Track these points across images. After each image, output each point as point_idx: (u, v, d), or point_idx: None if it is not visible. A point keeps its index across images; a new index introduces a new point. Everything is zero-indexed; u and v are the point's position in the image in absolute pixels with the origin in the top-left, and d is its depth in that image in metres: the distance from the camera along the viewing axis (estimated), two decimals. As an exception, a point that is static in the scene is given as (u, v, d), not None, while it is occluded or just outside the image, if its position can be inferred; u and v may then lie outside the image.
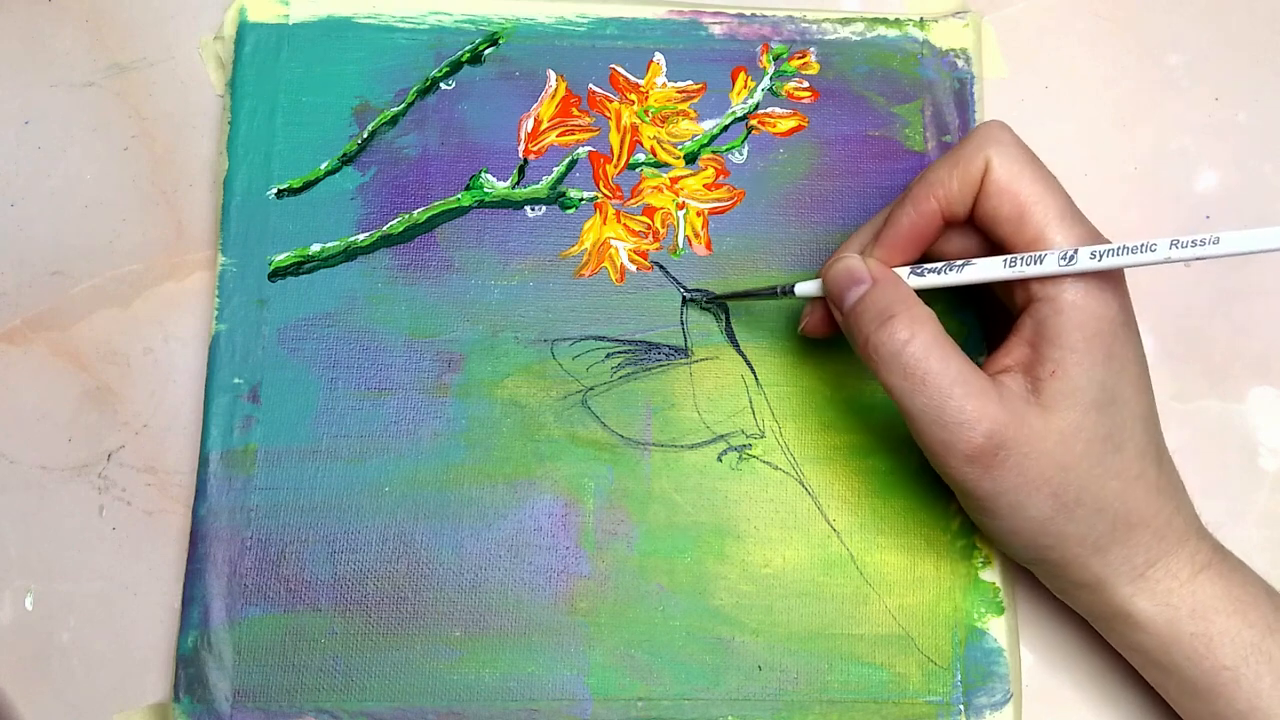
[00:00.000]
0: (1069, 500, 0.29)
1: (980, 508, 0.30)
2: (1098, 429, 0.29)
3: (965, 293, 0.36)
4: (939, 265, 0.31)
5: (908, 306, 0.29)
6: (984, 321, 0.36)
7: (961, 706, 0.34)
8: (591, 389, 0.36)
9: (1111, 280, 0.29)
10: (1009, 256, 0.29)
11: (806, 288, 0.33)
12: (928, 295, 0.31)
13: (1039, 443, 0.29)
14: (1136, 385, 0.30)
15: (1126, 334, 0.30)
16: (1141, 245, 0.28)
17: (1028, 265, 0.29)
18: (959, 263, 0.30)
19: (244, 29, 0.38)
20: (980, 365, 0.30)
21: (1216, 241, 0.27)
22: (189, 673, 0.33)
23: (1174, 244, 0.27)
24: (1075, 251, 0.28)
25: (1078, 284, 0.29)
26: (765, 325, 0.36)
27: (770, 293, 0.34)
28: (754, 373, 0.36)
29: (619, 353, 0.36)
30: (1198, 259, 0.27)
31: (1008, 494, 0.29)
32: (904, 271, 0.31)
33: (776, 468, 0.35)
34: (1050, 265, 0.29)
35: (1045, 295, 0.29)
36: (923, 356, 0.29)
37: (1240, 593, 0.30)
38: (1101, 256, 0.28)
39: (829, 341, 0.36)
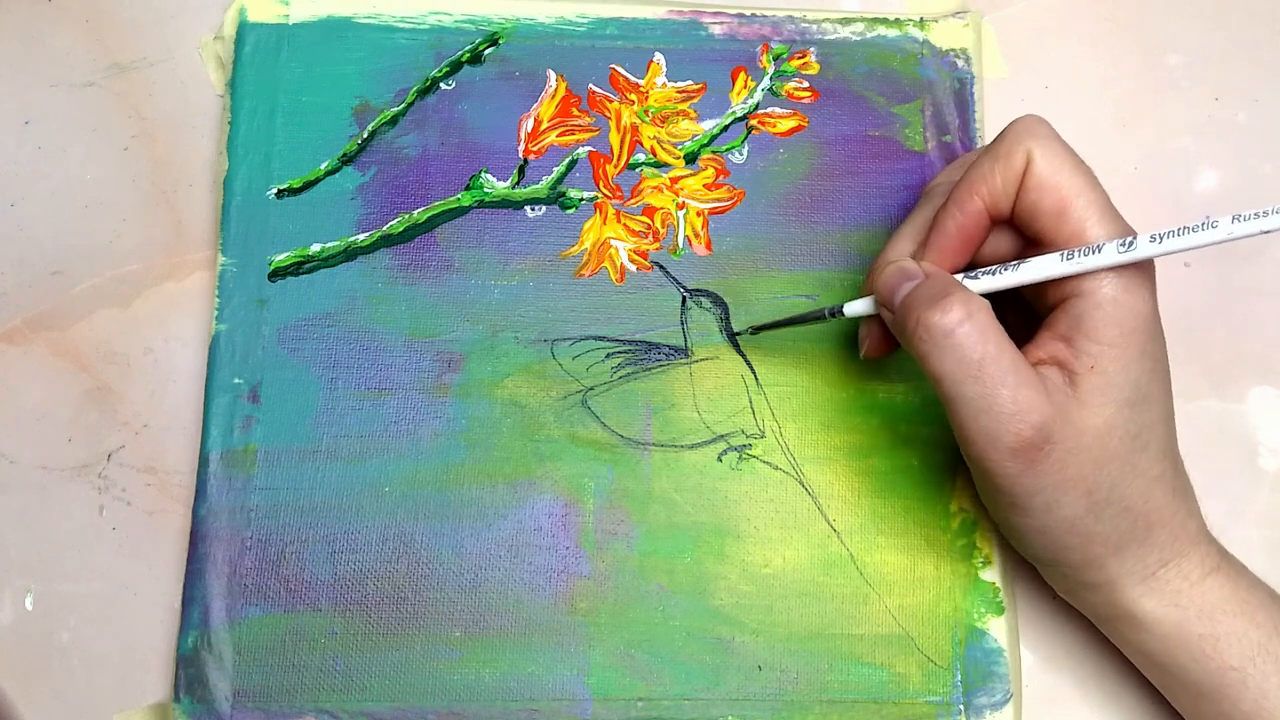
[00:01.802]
0: (1100, 499, 0.29)
1: (1013, 504, 0.30)
2: (1129, 426, 0.29)
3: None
4: (993, 268, 0.30)
5: (963, 291, 0.29)
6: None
7: (961, 706, 0.34)
8: (591, 389, 0.36)
9: (1146, 277, 0.29)
10: (1066, 251, 0.29)
11: (857, 306, 0.32)
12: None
13: (1080, 438, 0.28)
14: (1164, 384, 0.30)
15: (1157, 330, 0.29)
16: (1203, 223, 0.27)
17: (1086, 257, 0.28)
18: (1013, 263, 0.30)
19: (244, 29, 0.38)
20: None
21: None
22: (189, 673, 0.33)
23: (1236, 219, 0.27)
24: (1134, 239, 0.28)
25: (1117, 280, 0.28)
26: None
27: (818, 316, 0.33)
28: (754, 373, 0.36)
29: (619, 353, 0.36)
30: (1262, 232, 0.27)
31: (1045, 491, 0.29)
32: (958, 278, 0.30)
33: (776, 468, 0.35)
34: (1109, 255, 0.28)
35: (1084, 290, 0.29)
36: (979, 340, 0.28)
37: (1247, 595, 0.30)
38: (1162, 239, 0.27)
39: (829, 342, 0.36)
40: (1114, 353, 0.28)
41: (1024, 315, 0.32)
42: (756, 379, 0.36)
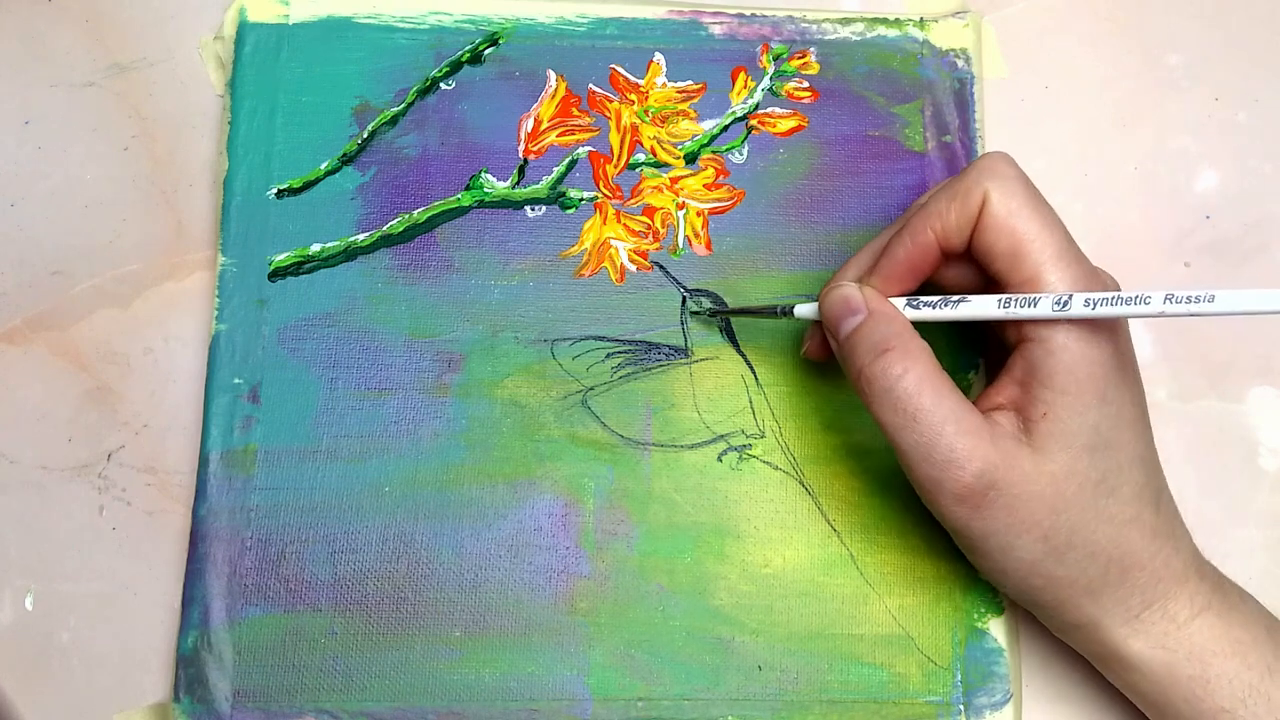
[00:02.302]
0: (1060, 544, 0.29)
1: (971, 547, 0.30)
2: (1090, 473, 0.29)
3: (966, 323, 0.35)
4: (935, 300, 0.30)
5: (903, 340, 0.29)
6: (986, 351, 0.36)
7: (961, 706, 0.34)
8: (591, 389, 0.36)
9: (1106, 325, 0.29)
10: (1003, 296, 0.29)
11: (805, 310, 0.33)
12: (926, 324, 0.30)
13: (1029, 484, 0.28)
14: (1133, 428, 0.29)
15: (1121, 377, 0.29)
16: (1136, 297, 0.27)
17: (1021, 307, 0.28)
18: (955, 298, 0.30)
19: (244, 29, 0.38)
20: (974, 400, 0.30)
21: (1211, 300, 0.26)
22: (189, 673, 0.33)
23: (1169, 299, 0.27)
24: (1070, 298, 0.28)
25: (1071, 327, 0.28)
26: (765, 325, 0.36)
27: (770, 312, 0.34)
28: (754, 373, 0.36)
29: (619, 353, 0.36)
30: (1191, 315, 0.27)
31: (997, 535, 0.29)
32: (900, 302, 0.31)
33: (776, 468, 0.35)
34: (1044, 309, 0.28)
35: (1038, 336, 0.29)
36: (915, 392, 0.28)
37: (1240, 633, 0.30)
38: (1095, 305, 0.27)
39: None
40: (1067, 400, 0.28)
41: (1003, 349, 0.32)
42: (756, 379, 0.36)
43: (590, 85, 0.38)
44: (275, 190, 0.37)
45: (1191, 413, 0.37)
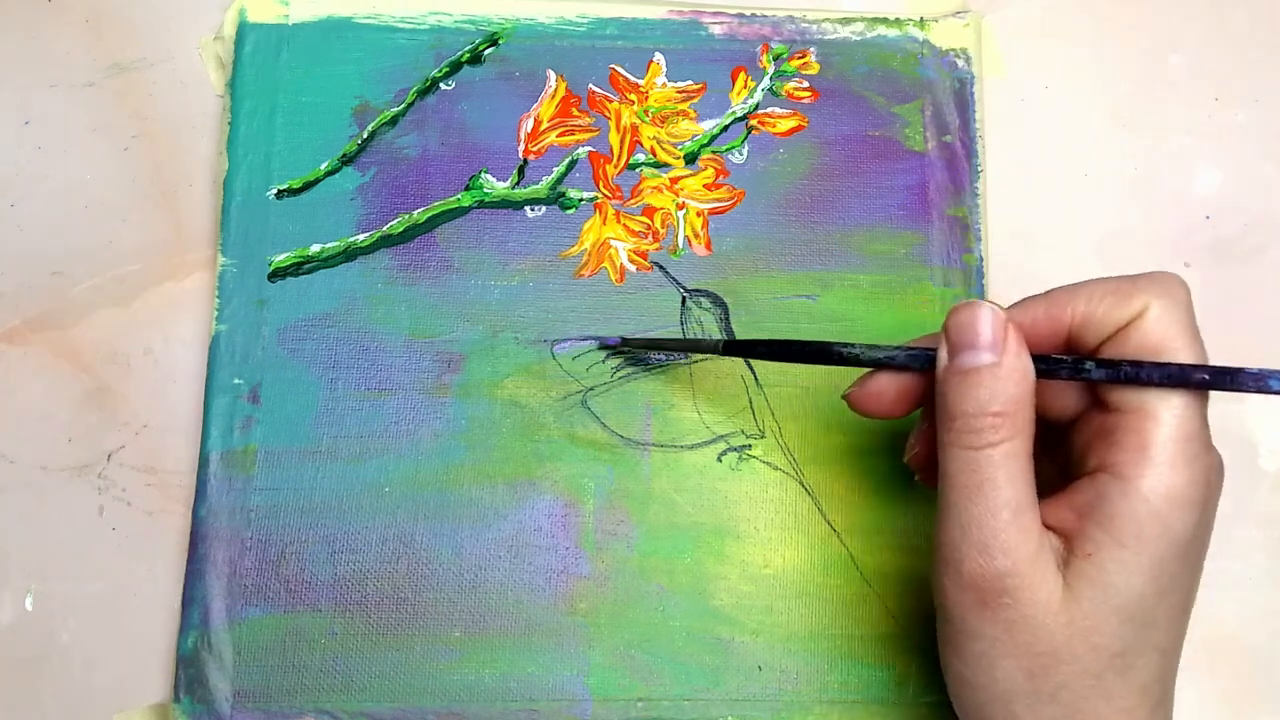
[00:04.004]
0: (1043, 691, 0.26)
1: (950, 639, 0.27)
2: (1113, 642, 0.25)
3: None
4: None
5: (1020, 409, 0.25)
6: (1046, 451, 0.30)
7: (961, 707, 0.34)
8: (591, 389, 0.36)
9: (1195, 501, 0.25)
10: (1129, 364, 0.25)
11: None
12: None
13: (1044, 617, 0.25)
14: (1176, 617, 0.26)
15: (1187, 559, 0.26)
16: None
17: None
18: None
19: (244, 29, 0.38)
20: None
21: None
22: (189, 673, 0.33)
23: None
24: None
25: (1160, 482, 0.25)
26: (765, 325, 0.36)
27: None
28: (754, 373, 0.36)
29: (619, 353, 0.36)
30: None
31: (984, 642, 0.26)
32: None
33: (776, 468, 0.35)
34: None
35: (1127, 474, 0.25)
36: (999, 464, 0.25)
37: None
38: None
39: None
40: (1123, 555, 0.25)
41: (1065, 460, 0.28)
42: (756, 379, 0.36)
43: (590, 85, 0.38)
44: (275, 190, 0.37)
45: (1191, 413, 0.37)
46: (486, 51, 0.38)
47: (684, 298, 0.36)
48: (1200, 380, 0.25)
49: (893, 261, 0.37)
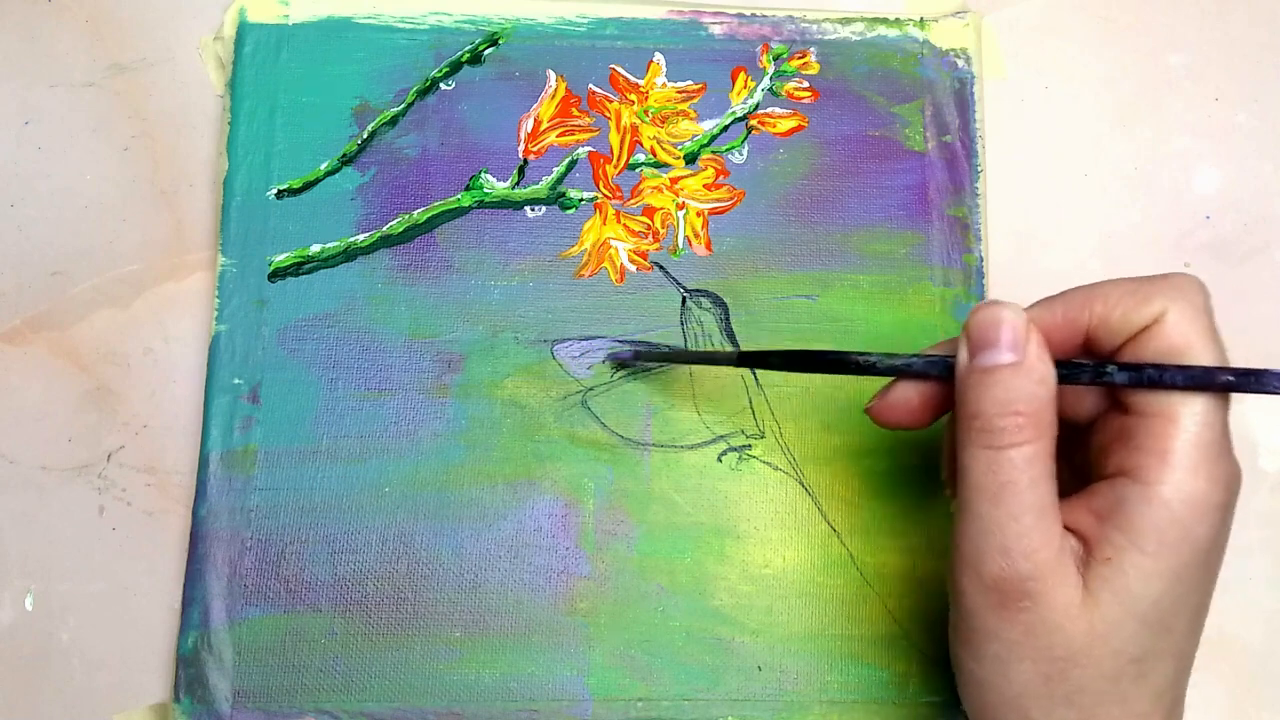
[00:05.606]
0: (1058, 694, 0.25)
1: (966, 639, 0.27)
2: (1131, 647, 0.25)
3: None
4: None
5: (1041, 410, 0.25)
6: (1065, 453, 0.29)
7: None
8: (591, 389, 0.36)
9: (1219, 506, 0.25)
10: (1153, 368, 0.25)
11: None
12: None
13: (1064, 620, 0.25)
14: (1192, 622, 0.26)
15: (1207, 565, 0.26)
16: None
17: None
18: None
19: (244, 29, 0.38)
20: None
21: None
22: (189, 673, 0.33)
23: None
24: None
25: (1182, 486, 0.25)
26: (765, 325, 0.36)
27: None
28: (754, 373, 0.36)
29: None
30: None
31: (1002, 643, 0.26)
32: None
33: (776, 468, 0.35)
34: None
35: (1150, 479, 0.25)
36: (1022, 466, 0.25)
37: None
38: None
39: (829, 344, 0.36)
40: (1143, 560, 0.25)
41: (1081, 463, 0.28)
42: (756, 379, 0.36)
43: (590, 85, 0.38)
44: (275, 190, 0.37)
45: (1191, 413, 0.37)
46: (486, 51, 0.38)
47: (684, 298, 0.36)
48: (1225, 383, 0.25)
49: (893, 261, 0.37)
